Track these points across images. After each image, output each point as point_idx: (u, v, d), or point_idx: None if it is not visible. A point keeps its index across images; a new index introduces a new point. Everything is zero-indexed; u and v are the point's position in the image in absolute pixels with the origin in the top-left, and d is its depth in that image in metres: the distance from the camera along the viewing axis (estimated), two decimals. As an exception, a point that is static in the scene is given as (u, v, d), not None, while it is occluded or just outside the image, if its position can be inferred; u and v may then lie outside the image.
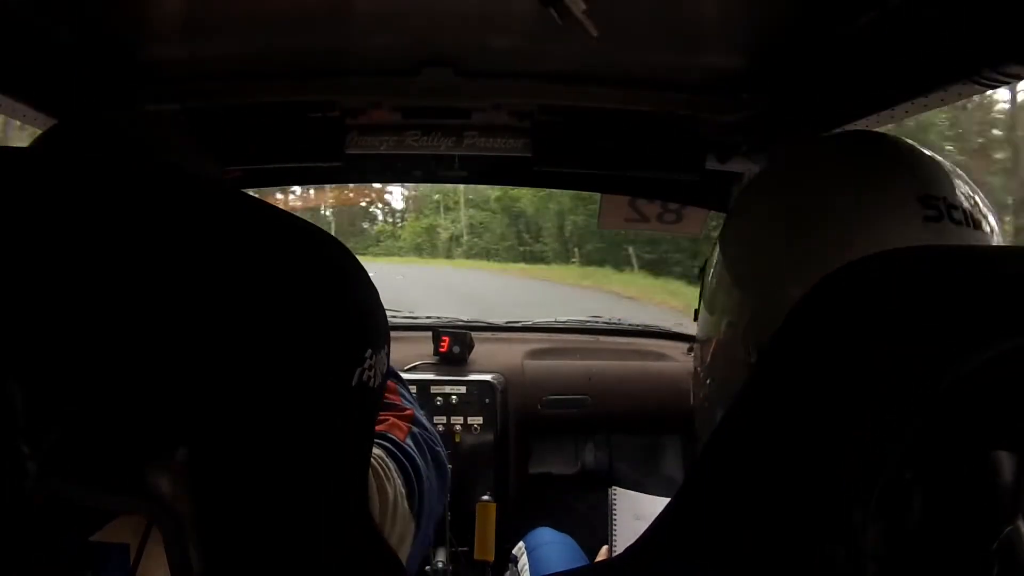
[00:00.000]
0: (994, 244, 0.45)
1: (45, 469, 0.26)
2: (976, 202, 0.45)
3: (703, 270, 0.56)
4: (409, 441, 0.57)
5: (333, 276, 0.33)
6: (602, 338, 1.84)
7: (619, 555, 0.39)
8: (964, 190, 0.45)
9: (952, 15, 0.58)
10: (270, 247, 0.30)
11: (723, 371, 0.51)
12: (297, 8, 0.77)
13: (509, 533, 1.37)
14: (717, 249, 0.53)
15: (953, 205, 0.44)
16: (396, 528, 0.50)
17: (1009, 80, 0.56)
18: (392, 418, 0.59)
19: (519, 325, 1.87)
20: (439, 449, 0.62)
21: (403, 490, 0.52)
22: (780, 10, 0.73)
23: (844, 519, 0.28)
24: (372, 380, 0.33)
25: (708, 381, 0.53)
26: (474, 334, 1.66)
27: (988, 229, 0.45)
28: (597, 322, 1.95)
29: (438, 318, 1.86)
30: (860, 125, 0.81)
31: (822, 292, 0.34)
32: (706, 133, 1.05)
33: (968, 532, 0.29)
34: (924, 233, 0.42)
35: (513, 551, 1.23)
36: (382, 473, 0.50)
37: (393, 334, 1.41)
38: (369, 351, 0.33)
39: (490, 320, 1.88)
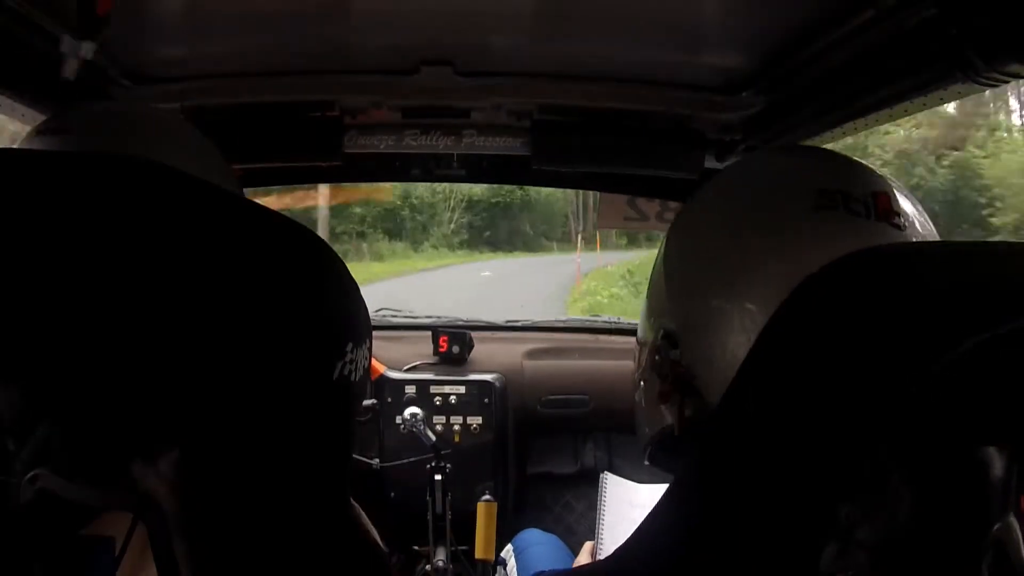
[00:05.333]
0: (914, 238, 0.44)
1: (31, 465, 0.26)
2: (889, 203, 0.44)
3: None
4: None
5: (313, 270, 0.33)
6: (602, 337, 1.84)
7: (607, 557, 0.40)
8: (872, 189, 0.44)
9: (951, 13, 0.58)
10: (250, 242, 0.30)
11: (652, 377, 0.51)
12: (296, 7, 0.77)
13: (508, 533, 1.37)
14: (660, 255, 0.53)
15: (852, 198, 0.43)
16: None
17: (1009, 79, 0.56)
18: None
19: (518, 325, 1.87)
20: None
21: None
22: (779, 9, 0.73)
23: (831, 515, 0.28)
24: (353, 374, 0.33)
25: (642, 383, 0.53)
26: (473, 334, 1.65)
27: (900, 224, 0.44)
28: (597, 321, 1.95)
29: (437, 318, 1.86)
30: (859, 124, 0.81)
31: (802, 296, 0.34)
32: (705, 132, 1.06)
33: (959, 529, 0.29)
34: (818, 224, 0.42)
35: (501, 554, 1.23)
36: None
37: (392, 334, 1.42)
38: (350, 344, 0.33)
39: (490, 320, 1.88)
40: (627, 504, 1.05)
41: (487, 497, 1.46)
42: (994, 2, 0.54)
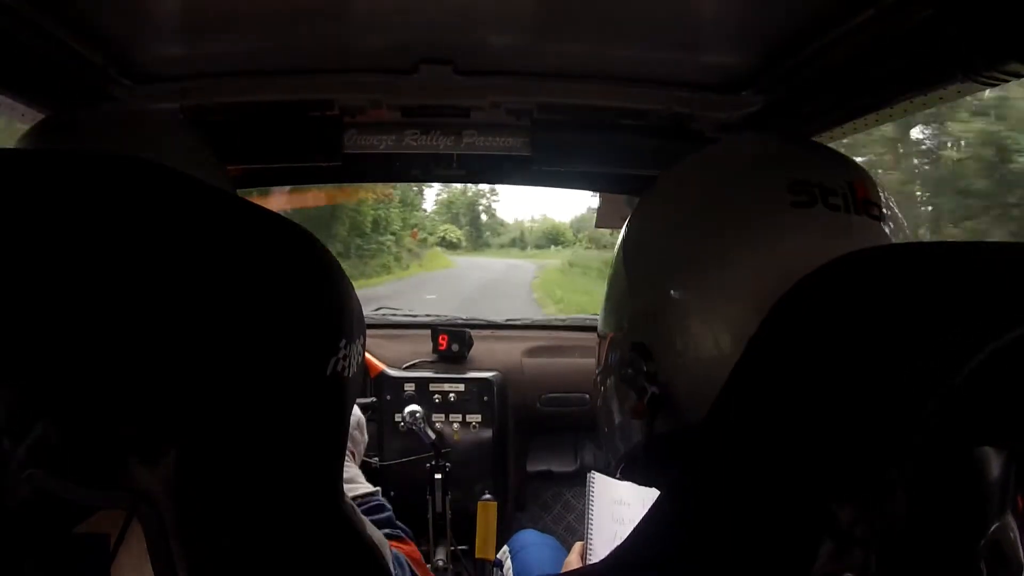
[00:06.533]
0: (891, 233, 0.43)
1: (27, 465, 0.26)
2: (867, 191, 0.43)
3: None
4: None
5: (307, 268, 0.33)
6: None
7: (601, 560, 0.40)
8: (848, 179, 0.43)
9: (951, 13, 0.58)
10: (244, 240, 0.30)
11: (612, 371, 0.49)
12: (295, 6, 0.77)
13: (508, 531, 1.37)
14: (619, 244, 0.51)
15: (830, 191, 0.41)
16: None
17: (1009, 78, 0.56)
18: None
19: (518, 323, 1.87)
20: None
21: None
22: (780, 8, 0.73)
23: (828, 515, 0.28)
24: (347, 370, 0.34)
25: (603, 386, 0.52)
26: (473, 332, 1.66)
27: (879, 215, 0.43)
28: (596, 319, 1.95)
29: (437, 316, 1.86)
30: (859, 123, 0.81)
31: (804, 291, 0.34)
32: (705, 131, 1.05)
33: (956, 528, 0.29)
34: (795, 219, 0.41)
35: (498, 555, 1.23)
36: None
37: (392, 332, 1.41)
38: (343, 341, 0.33)
39: (489, 318, 1.88)
40: (614, 502, 1.05)
41: (487, 496, 1.46)
42: (994, 2, 0.54)
